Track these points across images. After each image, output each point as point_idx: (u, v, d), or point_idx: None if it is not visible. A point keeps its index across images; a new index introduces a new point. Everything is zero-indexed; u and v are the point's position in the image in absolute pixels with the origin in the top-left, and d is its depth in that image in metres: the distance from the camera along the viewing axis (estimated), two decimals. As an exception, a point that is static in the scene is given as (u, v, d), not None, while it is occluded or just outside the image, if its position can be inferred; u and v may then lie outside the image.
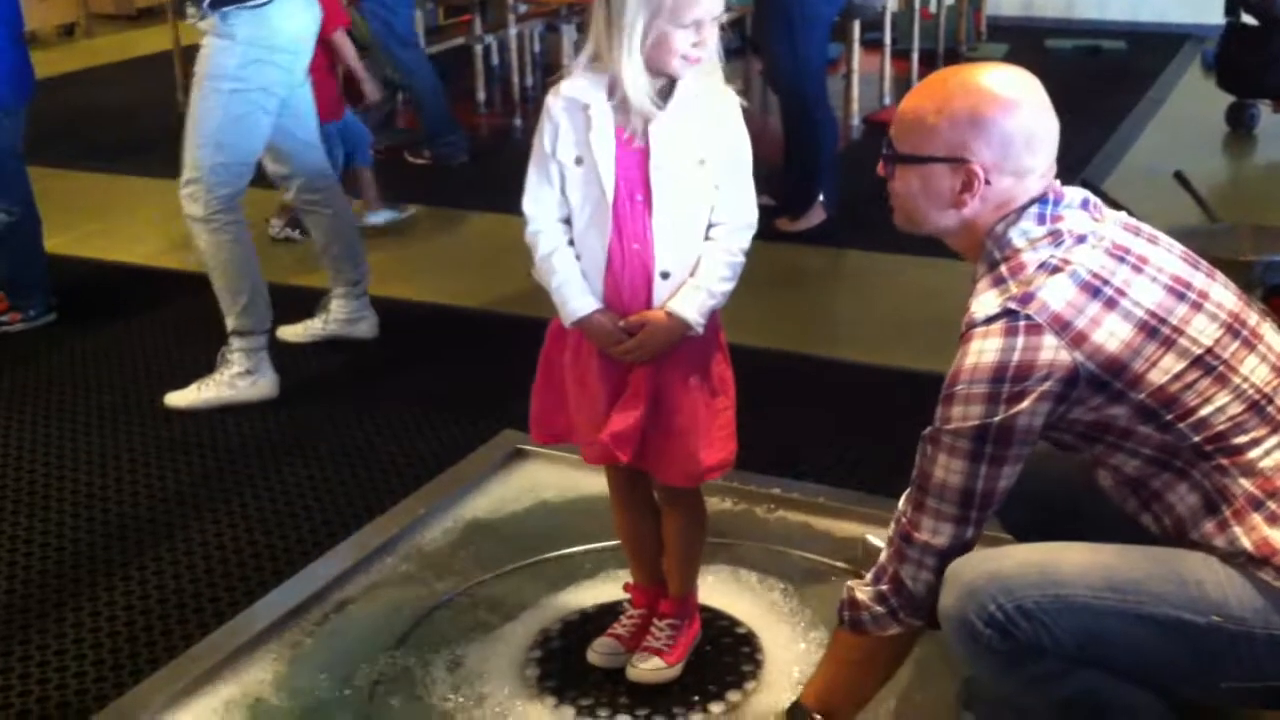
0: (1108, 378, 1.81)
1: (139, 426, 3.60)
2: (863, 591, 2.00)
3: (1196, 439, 1.84)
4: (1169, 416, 1.83)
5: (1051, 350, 1.80)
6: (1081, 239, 1.88)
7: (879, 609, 1.97)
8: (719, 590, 2.70)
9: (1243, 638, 1.80)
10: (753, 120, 2.30)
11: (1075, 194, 1.95)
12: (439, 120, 5.99)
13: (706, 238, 2.24)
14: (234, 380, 3.70)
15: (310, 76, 3.81)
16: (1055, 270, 1.85)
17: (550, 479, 3.17)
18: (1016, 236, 1.90)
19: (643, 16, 2.11)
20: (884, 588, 1.97)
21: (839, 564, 2.78)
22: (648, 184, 2.19)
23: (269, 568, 2.90)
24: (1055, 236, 1.89)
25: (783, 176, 4.96)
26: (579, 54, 2.22)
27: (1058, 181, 1.96)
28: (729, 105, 2.23)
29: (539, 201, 2.26)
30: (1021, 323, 1.81)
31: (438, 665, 2.53)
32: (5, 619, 2.76)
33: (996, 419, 1.82)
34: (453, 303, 4.44)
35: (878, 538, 2.51)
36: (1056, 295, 1.82)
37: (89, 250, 5.03)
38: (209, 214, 3.61)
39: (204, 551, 2.98)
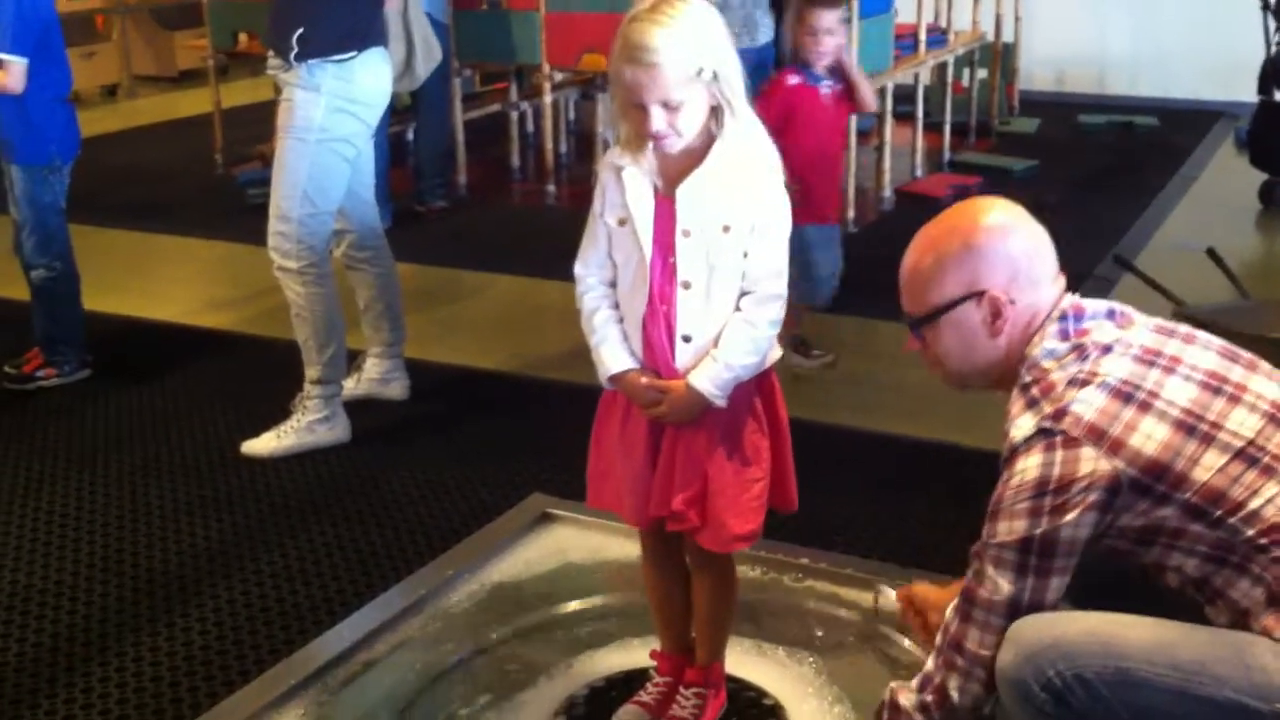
0: (1150, 481, 1.82)
1: (169, 482, 3.62)
2: (906, 697, 1.99)
3: (1250, 532, 1.82)
4: (1218, 513, 1.82)
5: (1091, 461, 1.81)
6: (1107, 349, 1.90)
7: (918, 718, 1.97)
8: (746, 661, 2.68)
9: None
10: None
11: (1098, 306, 1.98)
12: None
13: (737, 307, 2.25)
14: (313, 426, 3.75)
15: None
16: (1084, 383, 1.87)
17: (578, 543, 3.17)
18: (1044, 358, 1.93)
19: (616, 99, 2.21)
20: (929, 698, 1.96)
21: (868, 636, 2.75)
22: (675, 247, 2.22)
23: (295, 626, 2.90)
24: (1080, 351, 1.91)
25: None
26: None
27: (1077, 296, 1.99)
28: (762, 171, 2.23)
29: (586, 263, 2.32)
30: (1058, 438, 1.84)
31: (462, 729, 2.52)
32: (32, 671, 2.77)
33: (1039, 530, 1.83)
34: (483, 366, 4.46)
35: (891, 586, 2.53)
36: (1088, 406, 1.84)
37: (124, 308, 5.08)
38: (303, 266, 3.67)
39: (230, 609, 2.98)
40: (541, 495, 3.37)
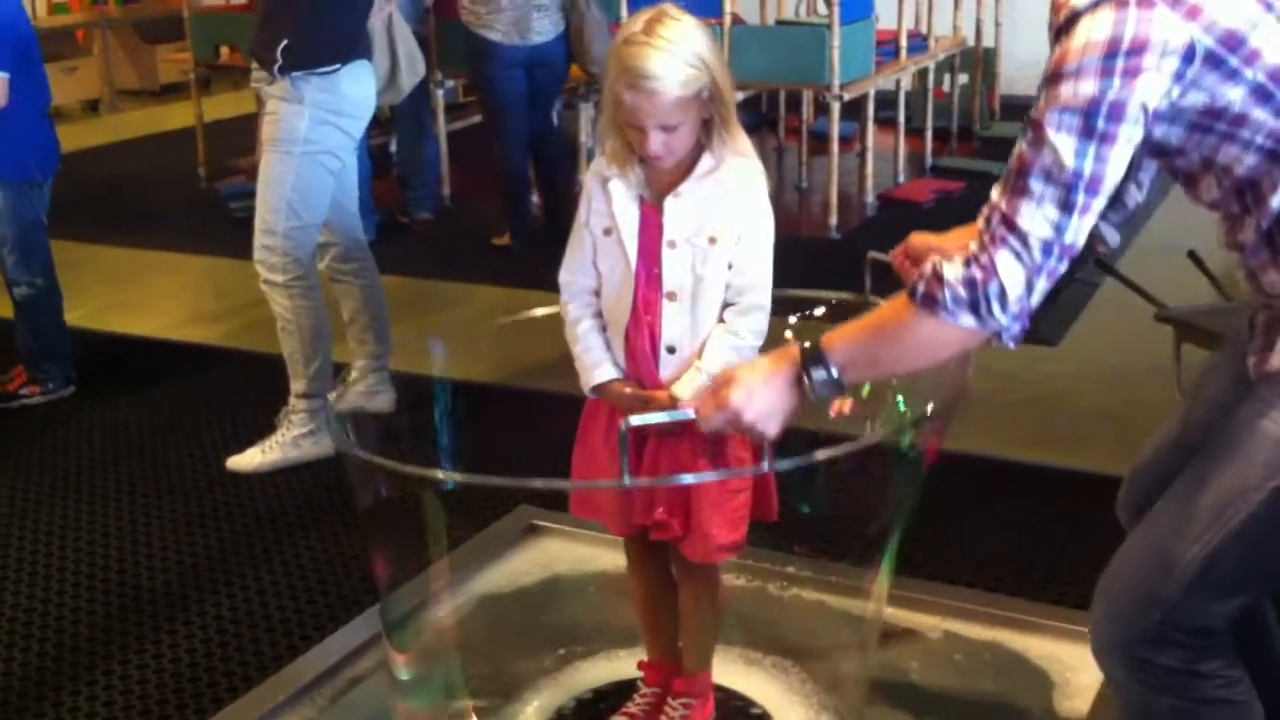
0: (1224, 53, 1.71)
1: (155, 498, 3.62)
2: (951, 270, 1.77)
3: None
4: None
5: (1166, 23, 1.69)
6: None
7: (962, 292, 1.76)
8: (733, 670, 2.68)
9: None
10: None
11: None
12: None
13: (721, 318, 2.26)
14: (298, 440, 3.75)
15: None
16: None
17: (565, 554, 3.17)
18: None
19: (606, 113, 2.21)
20: (975, 274, 1.75)
21: (854, 644, 2.76)
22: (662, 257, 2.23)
23: (283, 643, 2.89)
24: None
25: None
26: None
27: None
28: (749, 183, 2.24)
29: (571, 271, 2.33)
30: None
31: (450, 742, 2.52)
32: (20, 690, 2.76)
33: (1110, 94, 1.69)
34: (467, 378, 4.45)
35: (881, 254, 2.32)
36: None
37: (108, 323, 5.08)
38: (289, 279, 3.67)
39: (218, 625, 2.98)
40: (528, 506, 3.37)
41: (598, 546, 3.06)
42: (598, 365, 2.29)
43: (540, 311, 2.59)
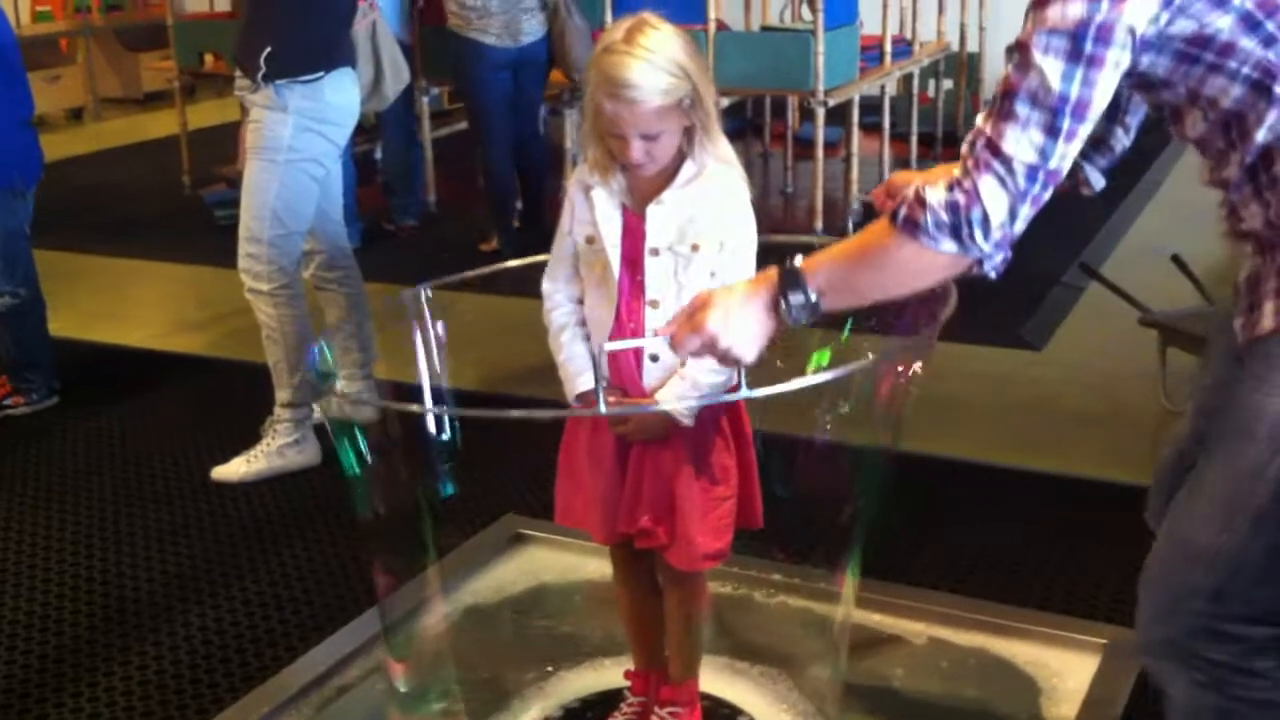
0: None
1: (139, 509, 3.60)
2: (934, 194, 1.74)
3: None
4: (1271, 27, 1.71)
5: None
6: None
7: (944, 216, 1.73)
8: (720, 678, 2.68)
9: None
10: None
11: None
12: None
13: None
14: (283, 450, 3.75)
15: None
16: None
17: (551, 563, 3.17)
18: None
19: (588, 122, 2.21)
20: (958, 198, 1.72)
21: (840, 649, 2.76)
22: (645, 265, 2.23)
23: (268, 653, 2.88)
24: None
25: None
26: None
27: None
28: (731, 189, 2.24)
29: (554, 280, 2.34)
30: None
31: (437, 753, 2.51)
32: (3, 703, 2.75)
33: (1098, 16, 1.67)
34: (454, 385, 4.44)
35: (866, 197, 2.31)
36: None
37: (92, 333, 5.06)
38: (274, 287, 3.66)
39: (203, 636, 2.97)
40: (514, 515, 3.37)
41: (583, 555, 3.06)
42: (581, 373, 2.29)
43: (513, 263, 2.64)
